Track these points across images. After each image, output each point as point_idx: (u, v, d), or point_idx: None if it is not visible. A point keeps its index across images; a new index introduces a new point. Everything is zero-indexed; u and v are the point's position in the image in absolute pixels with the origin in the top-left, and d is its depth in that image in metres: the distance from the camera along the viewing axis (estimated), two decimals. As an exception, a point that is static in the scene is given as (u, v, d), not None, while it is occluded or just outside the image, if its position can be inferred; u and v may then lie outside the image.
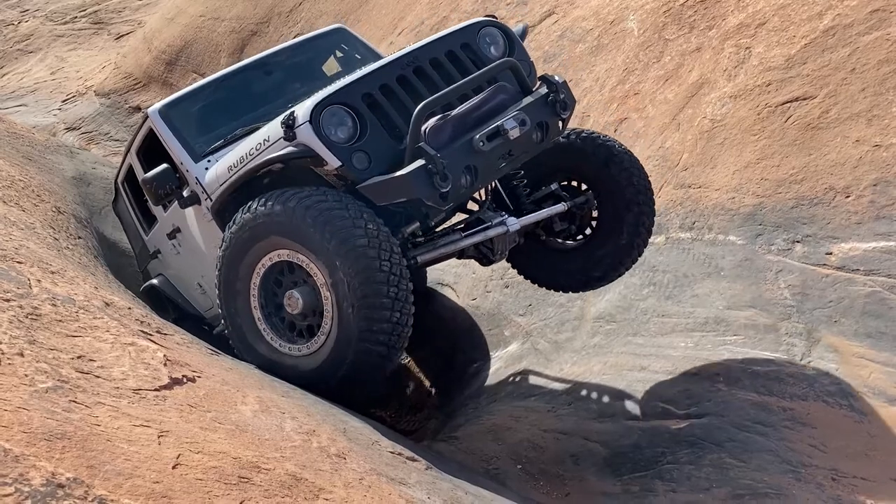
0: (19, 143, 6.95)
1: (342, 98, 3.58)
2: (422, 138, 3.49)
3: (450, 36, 3.99)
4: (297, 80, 5.10)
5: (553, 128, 3.92)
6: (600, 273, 4.73)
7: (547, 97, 3.87)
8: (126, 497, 1.71)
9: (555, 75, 4.00)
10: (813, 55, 5.29)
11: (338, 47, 5.21)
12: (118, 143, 10.86)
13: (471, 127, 3.64)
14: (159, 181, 4.11)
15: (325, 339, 3.46)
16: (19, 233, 3.87)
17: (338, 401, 3.44)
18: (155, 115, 4.73)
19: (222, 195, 3.97)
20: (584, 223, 4.68)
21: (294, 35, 10.62)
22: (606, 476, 4.29)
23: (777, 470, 3.93)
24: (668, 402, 4.55)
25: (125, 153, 5.45)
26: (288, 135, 3.52)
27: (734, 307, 4.81)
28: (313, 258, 3.39)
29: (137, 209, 5.63)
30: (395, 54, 3.93)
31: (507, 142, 3.64)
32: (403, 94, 3.68)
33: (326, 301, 3.42)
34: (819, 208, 4.81)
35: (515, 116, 3.66)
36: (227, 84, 5.02)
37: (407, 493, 2.47)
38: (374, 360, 3.39)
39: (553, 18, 7.50)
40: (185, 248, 5.03)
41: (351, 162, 3.47)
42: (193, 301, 5.38)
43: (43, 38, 14.27)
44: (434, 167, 3.39)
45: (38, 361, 2.17)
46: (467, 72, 3.87)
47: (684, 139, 5.69)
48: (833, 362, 4.32)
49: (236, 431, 2.31)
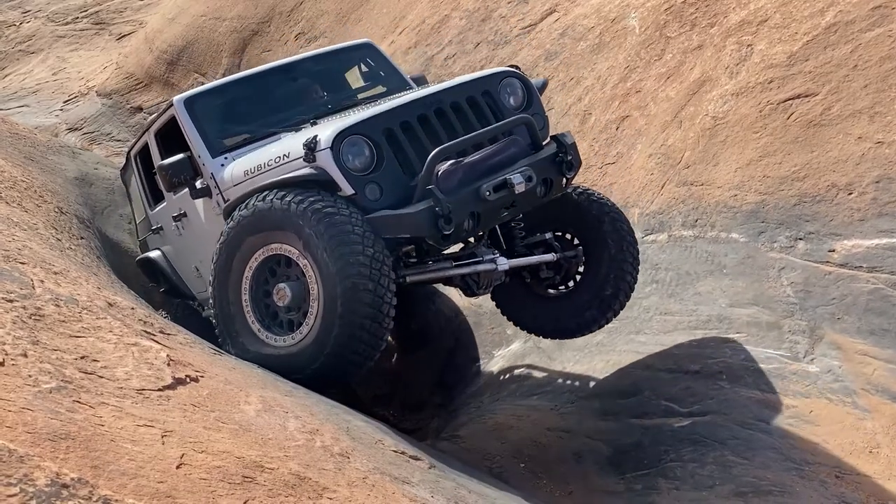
0: (21, 143, 6.95)
1: (364, 129, 3.75)
2: (433, 180, 3.67)
3: (473, 82, 4.18)
4: (320, 88, 5.25)
5: (556, 186, 4.11)
6: (575, 324, 4.86)
7: (555, 156, 4.06)
8: (130, 497, 1.71)
9: (566, 135, 4.20)
10: (815, 52, 5.28)
11: (363, 61, 5.34)
12: (120, 143, 10.86)
13: (480, 175, 3.81)
14: (175, 170, 4.36)
15: (308, 331, 3.60)
16: (22, 233, 3.88)
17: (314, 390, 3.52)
18: (180, 105, 4.80)
19: (236, 200, 4.05)
20: (570, 275, 4.83)
21: (295, 35, 10.62)
22: (609, 474, 4.29)
23: (780, 467, 3.93)
24: (671, 400, 4.55)
25: (144, 130, 5.55)
26: (308, 157, 3.68)
27: (737, 305, 4.81)
28: (306, 254, 3.55)
29: (146, 183, 5.76)
30: (420, 92, 4.11)
31: (511, 194, 3.81)
32: (422, 134, 3.86)
33: (314, 297, 3.57)
34: (821, 205, 4.80)
35: (523, 172, 3.84)
36: (253, 84, 5.13)
37: (410, 491, 2.47)
38: (349, 357, 3.55)
39: (554, 16, 7.49)
40: (188, 232, 5.15)
41: (364, 192, 3.66)
42: (188, 282, 5.52)
43: (44, 39, 14.28)
44: (441, 210, 3.59)
45: (41, 362, 2.17)
46: (485, 118, 4.06)
47: (686, 137, 5.69)
48: (836, 359, 4.32)
49: (240, 431, 2.31)
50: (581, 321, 4.83)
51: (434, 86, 4.27)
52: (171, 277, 5.59)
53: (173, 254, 5.53)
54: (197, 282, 5.37)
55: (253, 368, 3.56)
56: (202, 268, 5.11)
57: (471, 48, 7.85)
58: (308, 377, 3.56)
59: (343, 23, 10.11)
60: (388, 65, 5.29)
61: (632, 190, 5.82)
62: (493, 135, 3.98)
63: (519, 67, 4.49)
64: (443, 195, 3.62)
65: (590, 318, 4.80)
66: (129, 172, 6.09)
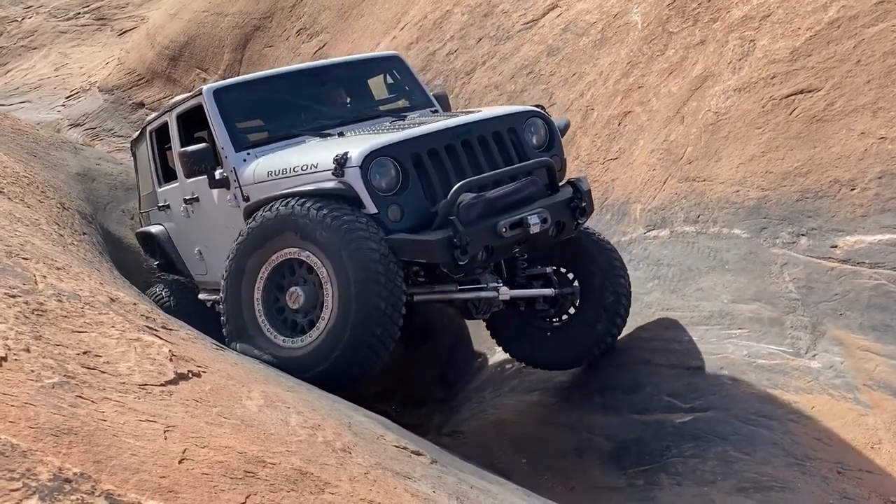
0: (23, 139, 6.96)
1: (393, 152, 3.92)
2: (455, 211, 3.83)
3: (500, 118, 4.37)
4: (346, 95, 5.40)
5: (568, 229, 4.30)
6: (566, 357, 4.98)
7: (570, 201, 4.26)
8: (133, 491, 1.71)
9: (583, 181, 4.38)
10: (818, 47, 5.27)
11: (389, 73, 5.47)
12: (122, 139, 10.86)
13: (499, 211, 3.97)
14: (197, 158, 4.49)
15: (319, 334, 3.74)
16: (24, 229, 3.88)
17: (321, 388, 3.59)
18: (209, 95, 4.85)
19: (260, 202, 4.17)
20: (563, 311, 4.96)
21: (297, 31, 10.61)
22: (611, 470, 4.29)
23: (782, 463, 3.93)
24: (673, 395, 4.55)
25: (167, 109, 5.58)
26: (337, 171, 3.82)
27: (739, 301, 4.80)
28: (325, 262, 3.70)
29: (158, 160, 5.83)
30: (449, 122, 4.27)
31: (526, 233, 3.99)
32: (447, 162, 4.04)
33: (327, 303, 3.72)
34: (824, 201, 4.79)
35: (539, 213, 4.03)
36: (282, 83, 5.26)
37: (412, 486, 2.48)
38: (356, 360, 3.71)
39: (556, 12, 7.48)
40: (197, 216, 5.26)
41: (386, 212, 3.84)
42: (188, 263, 5.64)
43: (46, 35, 14.28)
44: (458, 241, 3.76)
45: (44, 357, 2.18)
46: (507, 154, 4.26)
47: (689, 132, 5.68)
48: (838, 355, 4.31)
49: (242, 426, 2.31)
50: (574, 353, 4.94)
51: (462, 116, 4.43)
52: (171, 255, 5.71)
53: (177, 233, 5.63)
54: (198, 265, 5.49)
55: (255, 364, 3.56)
56: (206, 253, 5.29)
57: (473, 44, 7.84)
58: (312, 378, 3.64)
59: (345, 18, 10.10)
60: (414, 80, 5.43)
61: (634, 185, 5.82)
62: (515, 173, 4.16)
63: (544, 108, 4.65)
64: (462, 227, 3.78)
65: (580, 350, 4.92)
66: (142, 145, 6.12)
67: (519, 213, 3.99)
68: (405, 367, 6.13)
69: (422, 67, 7.91)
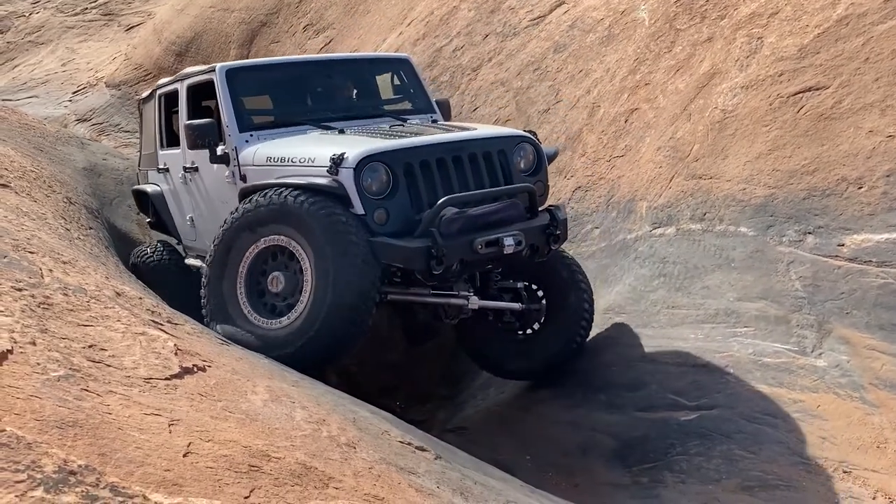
0: (31, 134, 6.98)
1: (387, 158, 4.11)
2: (436, 223, 4.04)
3: (492, 140, 4.57)
4: (353, 90, 5.58)
5: (541, 252, 4.52)
6: (523, 368, 5.17)
7: (546, 228, 4.48)
8: (137, 484, 1.72)
9: (560, 209, 4.62)
10: (826, 45, 5.24)
11: (397, 74, 5.63)
12: (128, 133, 10.88)
13: (478, 228, 4.18)
14: (201, 132, 4.70)
15: (296, 317, 3.94)
16: (31, 223, 3.89)
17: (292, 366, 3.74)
18: (221, 73, 5.00)
19: (256, 186, 4.35)
20: (528, 325, 5.16)
21: (303, 26, 10.61)
22: (615, 467, 4.29)
23: (787, 462, 3.92)
24: (678, 393, 4.54)
25: (180, 77, 5.72)
26: (332, 169, 4.01)
27: (745, 299, 4.79)
28: (308, 252, 3.90)
29: (163, 124, 5.99)
30: (444, 136, 4.49)
31: (500, 252, 4.20)
32: (436, 175, 4.23)
33: (306, 290, 3.91)
34: (831, 199, 4.77)
35: (514, 236, 4.24)
36: (293, 71, 5.45)
37: (416, 482, 2.48)
38: (327, 342, 3.91)
39: (563, 8, 7.45)
40: (194, 186, 5.46)
41: (372, 214, 4.03)
42: (179, 227, 5.90)
43: (54, 30, 14.31)
44: (436, 252, 3.98)
45: (49, 350, 2.18)
46: (494, 174, 4.45)
47: (695, 130, 5.66)
48: (844, 354, 4.30)
49: (246, 420, 2.32)
50: (530, 364, 5.11)
51: (457, 133, 4.60)
52: (163, 215, 5.98)
53: (172, 197, 5.85)
54: (189, 231, 5.76)
55: (260, 359, 3.57)
56: (198, 221, 5.56)
57: (479, 40, 7.83)
58: (285, 356, 3.84)
59: (351, 14, 10.10)
60: (419, 85, 5.58)
61: (640, 183, 5.80)
62: (498, 195, 4.38)
63: (536, 135, 4.85)
64: (441, 239, 4.00)
65: (535, 365, 5.09)
66: (150, 106, 6.28)
67: (496, 232, 4.20)
68: (410, 363, 6.13)
69: (428, 63, 7.90)
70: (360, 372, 6.23)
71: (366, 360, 6.20)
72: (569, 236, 5.34)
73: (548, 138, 6.61)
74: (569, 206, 6.12)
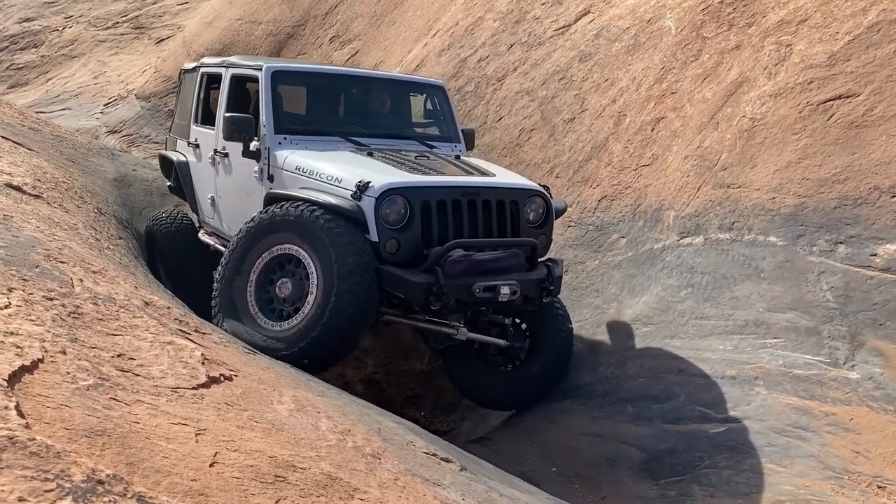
0: (63, 145, 7.09)
1: (408, 194, 4.36)
2: (442, 262, 4.29)
3: (507, 190, 4.78)
4: (387, 108, 5.82)
5: (533, 302, 4.77)
6: (504, 400, 5.33)
7: (542, 281, 4.72)
8: (164, 494, 1.72)
9: (558, 265, 4.88)
10: (857, 52, 5.17)
11: (431, 99, 5.87)
12: (158, 145, 11.02)
13: (479, 273, 4.44)
14: (238, 126, 4.90)
15: (300, 321, 4.15)
16: (62, 233, 3.95)
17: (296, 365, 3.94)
18: (267, 74, 5.20)
19: (282, 196, 4.60)
20: (511, 361, 5.30)
21: (329, 38, 10.69)
22: (643, 480, 4.24)
23: (819, 476, 3.84)
24: (707, 405, 4.48)
25: (226, 64, 5.88)
26: (355, 195, 4.30)
27: (775, 309, 4.71)
28: (318, 266, 4.13)
29: (201, 101, 6.18)
30: (463, 180, 4.73)
31: (495, 298, 4.48)
32: (450, 216, 4.48)
33: (311, 299, 4.14)
34: (863, 208, 4.69)
35: (511, 285, 4.51)
36: (333, 81, 5.68)
37: (441, 494, 2.46)
38: (328, 342, 4.10)
39: (589, 17, 7.43)
40: (221, 169, 5.67)
41: (385, 243, 4.29)
42: (199, 203, 6.14)
43: (86, 44, 14.57)
44: (436, 289, 4.24)
45: (79, 359, 2.21)
46: (503, 223, 4.69)
47: (723, 138, 5.60)
48: (878, 366, 4.21)
49: (272, 430, 2.32)
50: (510, 399, 5.28)
51: (477, 177, 4.84)
52: (184, 185, 6.23)
53: (197, 172, 6.11)
54: (208, 208, 5.99)
55: (286, 368, 3.58)
56: (219, 202, 5.79)
57: (504, 50, 7.83)
58: (289, 355, 4.04)
59: (377, 26, 10.16)
60: (450, 113, 5.84)
61: (667, 192, 5.75)
62: (503, 244, 4.61)
63: (549, 189, 5.07)
64: (444, 278, 4.26)
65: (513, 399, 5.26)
66: (192, 79, 6.42)
67: (495, 279, 4.47)
68: (435, 373, 6.12)
69: (453, 74, 7.92)
70: (385, 381, 6.23)
71: (392, 369, 6.21)
72: (595, 246, 5.33)
73: (573, 147, 6.59)
74: (594, 216, 6.08)
